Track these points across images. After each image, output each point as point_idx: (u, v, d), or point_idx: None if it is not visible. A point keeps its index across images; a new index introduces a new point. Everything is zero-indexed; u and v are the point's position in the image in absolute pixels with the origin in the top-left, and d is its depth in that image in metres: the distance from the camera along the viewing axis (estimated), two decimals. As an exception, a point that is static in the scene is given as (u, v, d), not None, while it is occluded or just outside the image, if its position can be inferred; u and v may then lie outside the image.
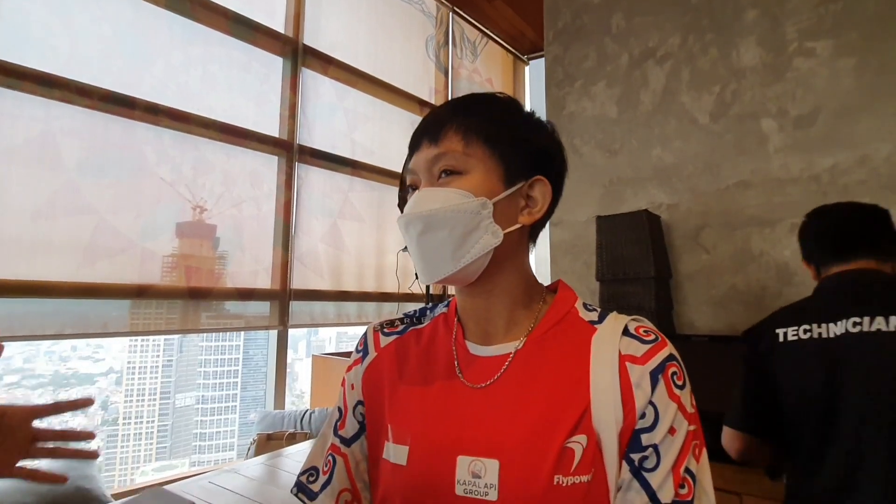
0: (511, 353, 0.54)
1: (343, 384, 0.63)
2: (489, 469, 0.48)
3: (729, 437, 1.13)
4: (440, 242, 0.52)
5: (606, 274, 1.89)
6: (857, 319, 0.97)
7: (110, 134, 1.75)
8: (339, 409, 0.63)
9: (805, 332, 1.02)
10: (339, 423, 0.61)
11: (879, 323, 0.95)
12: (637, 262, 1.82)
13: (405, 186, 0.59)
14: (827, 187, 1.74)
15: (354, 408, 0.61)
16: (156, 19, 1.90)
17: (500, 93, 0.59)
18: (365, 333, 0.65)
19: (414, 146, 0.56)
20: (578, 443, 0.48)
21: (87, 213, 1.68)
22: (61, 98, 1.63)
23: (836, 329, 0.99)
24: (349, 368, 0.63)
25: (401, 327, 0.64)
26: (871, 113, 1.69)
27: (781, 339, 1.05)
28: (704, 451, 0.50)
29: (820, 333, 1.00)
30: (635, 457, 0.48)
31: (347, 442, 0.60)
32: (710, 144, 1.98)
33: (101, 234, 1.70)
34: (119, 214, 1.75)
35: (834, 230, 1.10)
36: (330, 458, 0.60)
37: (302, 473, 0.61)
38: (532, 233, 0.58)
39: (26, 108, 1.58)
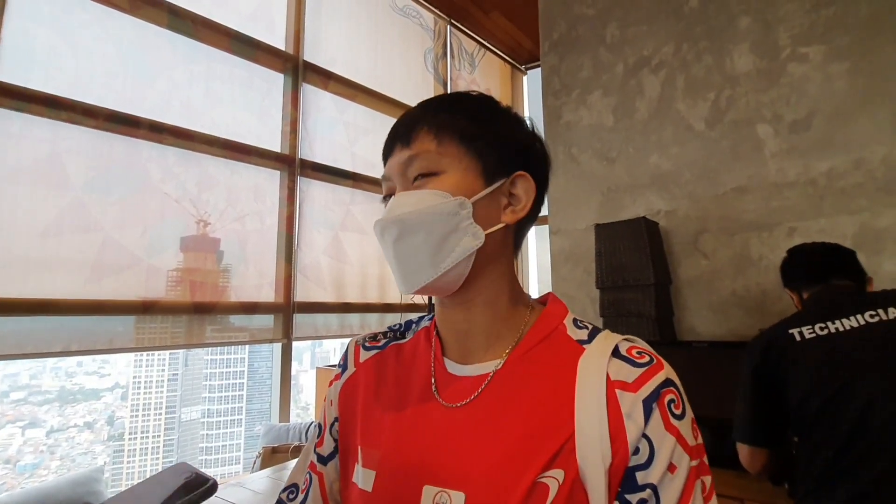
0: (490, 372, 0.50)
1: (325, 399, 0.61)
2: (455, 502, 0.44)
3: (749, 455, 1.14)
4: (417, 247, 0.48)
5: (606, 281, 1.90)
6: (873, 312, 1.02)
7: (115, 153, 1.79)
8: (319, 426, 0.60)
9: (821, 329, 1.06)
10: (318, 441, 0.59)
11: (894, 312, 1.00)
12: (637, 269, 1.83)
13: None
14: (824, 191, 1.75)
15: (332, 425, 0.58)
16: (158, 38, 1.94)
17: (473, 91, 0.55)
18: (347, 347, 0.62)
19: (387, 152, 0.53)
20: (554, 478, 0.42)
21: (93, 231, 1.71)
22: (67, 119, 1.67)
23: (851, 323, 1.03)
24: (330, 383, 0.61)
25: (382, 342, 0.60)
26: (866, 116, 1.71)
27: (798, 338, 1.07)
28: (714, 491, 0.44)
29: (837, 328, 1.04)
30: (631, 498, 0.42)
31: (324, 460, 0.58)
32: (707, 151, 2.00)
33: (107, 250, 1.73)
34: (125, 231, 1.78)
35: (814, 258, 1.24)
36: (308, 475, 0.58)
37: (283, 490, 0.59)
38: (517, 235, 0.54)
39: (34, 130, 1.61)
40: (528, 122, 0.55)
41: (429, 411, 0.51)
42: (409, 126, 0.51)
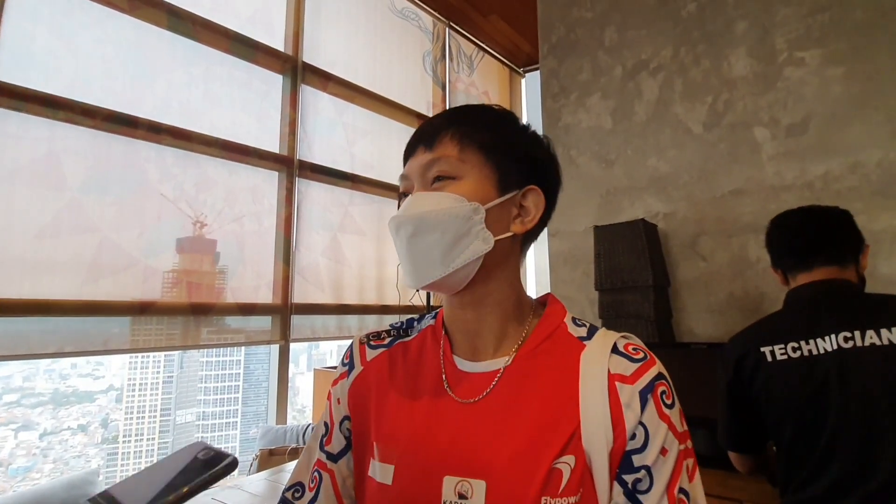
0: (500, 369, 0.53)
1: (329, 398, 0.62)
2: (476, 490, 0.47)
3: (736, 461, 1.16)
4: (430, 246, 0.51)
5: (605, 283, 1.91)
6: (848, 334, 0.97)
7: (113, 153, 1.78)
8: (326, 424, 0.61)
9: (794, 349, 1.01)
10: (325, 439, 0.60)
11: (871, 337, 0.95)
12: (635, 271, 1.84)
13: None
14: (820, 193, 1.76)
15: (341, 423, 0.60)
16: (157, 40, 1.94)
17: (497, 105, 0.59)
18: (351, 346, 0.63)
19: (409, 152, 0.56)
20: (566, 464, 0.47)
21: (90, 232, 1.70)
22: (66, 119, 1.66)
23: (825, 345, 0.98)
24: (335, 382, 0.62)
25: (388, 340, 0.62)
26: (861, 120, 1.72)
27: (769, 358, 1.03)
28: (697, 469, 0.50)
29: (810, 351, 0.99)
30: (628, 478, 0.47)
31: (334, 458, 0.59)
32: (705, 153, 2.01)
33: (104, 251, 1.72)
34: (122, 232, 1.77)
35: (795, 237, 1.12)
36: (316, 473, 0.59)
37: (287, 489, 0.60)
38: (523, 244, 0.58)
39: (31, 130, 1.61)
40: (544, 141, 0.58)
41: (443, 407, 0.54)
42: (433, 130, 0.54)
